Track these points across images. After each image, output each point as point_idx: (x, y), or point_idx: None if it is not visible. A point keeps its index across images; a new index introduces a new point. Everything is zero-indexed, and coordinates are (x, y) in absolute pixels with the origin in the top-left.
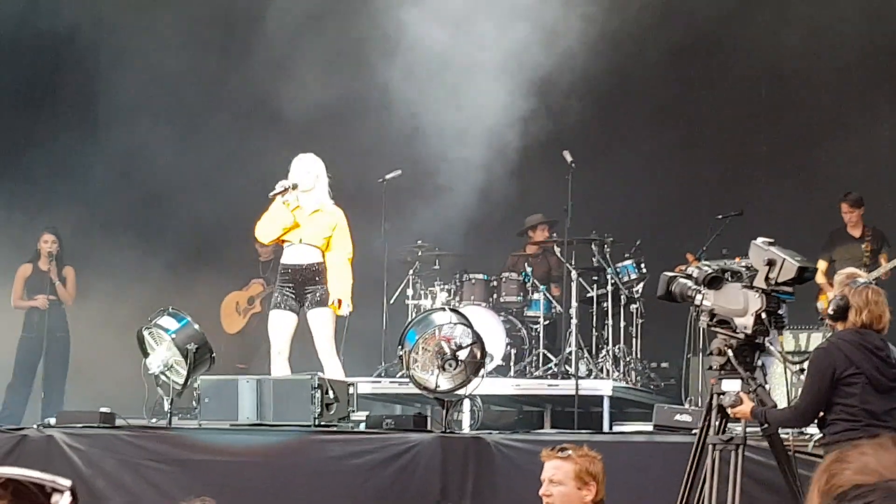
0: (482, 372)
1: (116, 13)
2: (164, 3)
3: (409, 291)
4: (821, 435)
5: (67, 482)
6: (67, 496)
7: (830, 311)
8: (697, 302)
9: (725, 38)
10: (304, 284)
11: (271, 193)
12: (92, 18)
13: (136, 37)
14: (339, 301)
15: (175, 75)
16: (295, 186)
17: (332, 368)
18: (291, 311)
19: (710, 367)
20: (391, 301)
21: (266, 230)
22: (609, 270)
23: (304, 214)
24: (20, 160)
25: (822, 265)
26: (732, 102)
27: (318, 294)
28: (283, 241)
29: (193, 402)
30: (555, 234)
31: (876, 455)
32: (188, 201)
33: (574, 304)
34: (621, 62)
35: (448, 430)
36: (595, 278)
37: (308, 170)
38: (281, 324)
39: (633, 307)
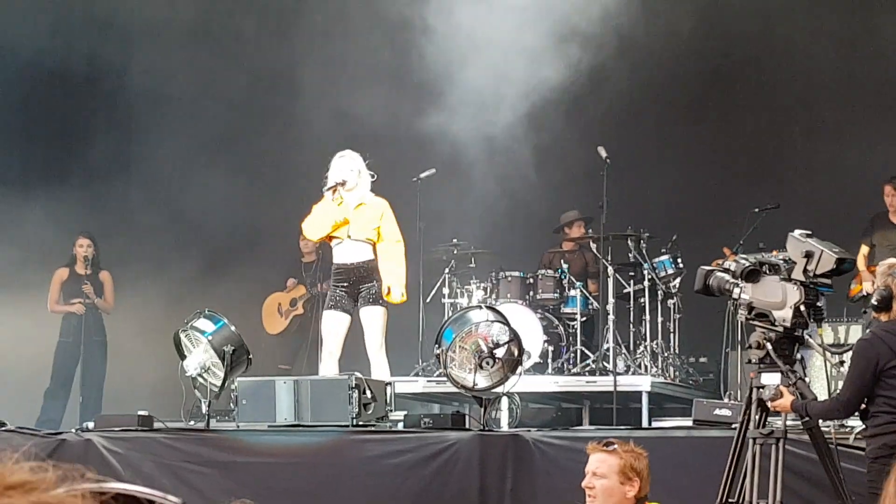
0: (520, 369)
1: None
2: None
3: (445, 290)
4: (863, 427)
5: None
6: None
7: (874, 302)
8: (735, 295)
9: (761, 32)
10: (359, 283)
11: (325, 188)
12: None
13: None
14: (389, 288)
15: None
16: (344, 183)
17: (380, 367)
18: (345, 311)
19: (749, 361)
20: (427, 300)
21: (316, 227)
22: (646, 266)
23: (349, 210)
24: (56, 167)
25: (863, 249)
26: (767, 95)
27: (372, 291)
28: (331, 239)
29: (231, 404)
30: (590, 231)
31: None
32: (225, 201)
33: (611, 300)
34: (656, 57)
35: (486, 429)
36: (632, 274)
37: (351, 166)
38: (335, 325)
39: (670, 302)
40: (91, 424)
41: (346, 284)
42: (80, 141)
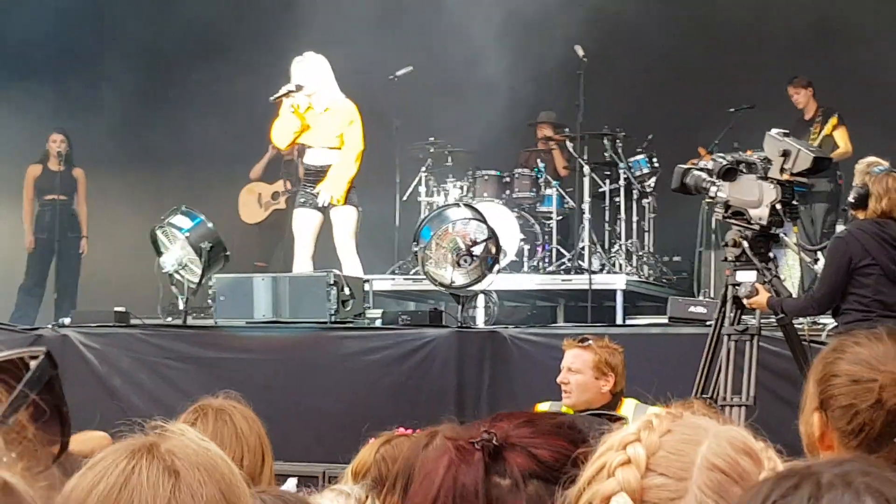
0: (497, 267)
1: None
2: None
3: (422, 188)
4: (835, 324)
5: (42, 348)
6: (43, 357)
7: (851, 200)
8: (712, 194)
9: None
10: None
11: (272, 98)
12: None
13: None
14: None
15: None
16: (299, 88)
17: (351, 265)
18: (315, 208)
19: (725, 259)
20: (404, 198)
21: (279, 136)
22: (621, 165)
23: (316, 115)
24: (28, 60)
25: None
26: None
27: None
28: (303, 145)
29: (208, 301)
30: (566, 130)
31: (870, 347)
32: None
33: (587, 199)
34: None
35: (464, 326)
36: (607, 173)
37: (310, 70)
38: (305, 222)
39: (645, 202)
40: (67, 320)
41: (313, 185)
42: (53, 36)
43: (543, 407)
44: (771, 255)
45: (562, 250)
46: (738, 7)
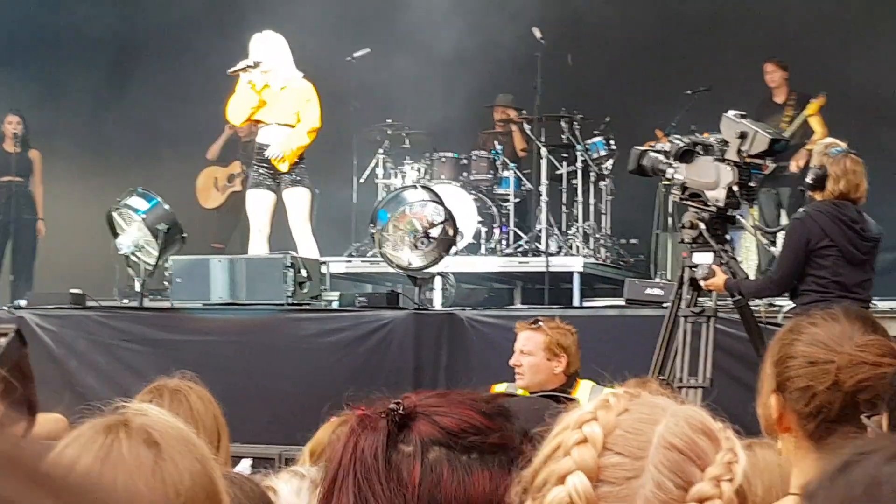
0: (453, 249)
1: None
2: None
3: (379, 170)
4: (792, 305)
5: (12, 325)
6: (13, 334)
7: (809, 181)
8: (669, 175)
9: None
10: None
11: (229, 70)
12: None
13: None
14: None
15: None
16: (257, 64)
17: (307, 247)
18: (269, 189)
19: (682, 241)
20: (361, 180)
21: (235, 112)
22: (578, 147)
23: (272, 93)
24: None
25: None
26: None
27: (293, 173)
28: (258, 122)
29: (165, 283)
30: (524, 112)
31: (826, 327)
32: (159, 74)
33: (544, 181)
34: None
35: (421, 308)
36: (564, 155)
37: (268, 47)
38: (259, 202)
39: (602, 184)
40: (23, 302)
41: (266, 164)
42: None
43: (500, 388)
44: (728, 237)
45: (519, 233)
46: None
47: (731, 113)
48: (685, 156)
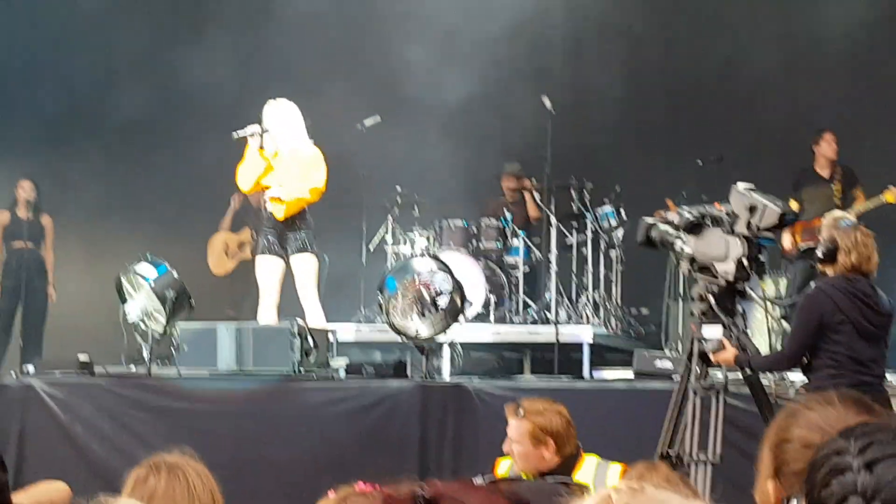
0: (462, 318)
1: None
2: None
3: (389, 238)
4: (803, 381)
5: None
6: None
7: (820, 254)
8: (678, 248)
9: None
10: (285, 230)
11: (235, 134)
12: None
13: None
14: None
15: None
16: (265, 131)
17: (314, 315)
18: (277, 255)
19: (692, 314)
20: (370, 248)
21: (243, 178)
22: (588, 217)
23: (281, 159)
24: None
25: (793, 205)
26: (711, 47)
27: (299, 239)
28: (266, 188)
29: (172, 350)
30: (533, 179)
31: (821, 411)
32: (170, 147)
33: (554, 250)
34: (601, 7)
35: (428, 377)
36: (575, 225)
37: (279, 114)
38: (268, 269)
39: (612, 253)
40: (31, 368)
41: (274, 231)
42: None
43: (505, 464)
44: (739, 309)
45: (528, 301)
46: (706, 60)
47: (740, 185)
48: (694, 228)
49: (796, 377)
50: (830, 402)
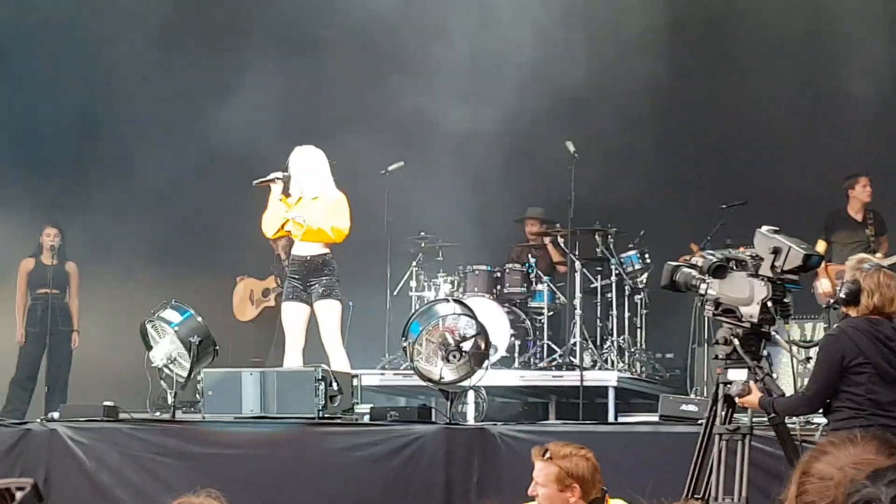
0: (486, 363)
1: None
2: None
3: (413, 283)
4: (826, 423)
5: (30, 480)
6: (29, 489)
7: (842, 295)
8: (702, 291)
9: (728, 29)
10: (310, 276)
11: (255, 181)
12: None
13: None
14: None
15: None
16: (287, 177)
17: (338, 360)
18: (303, 301)
19: (716, 357)
20: (395, 293)
21: (267, 225)
22: (613, 261)
23: (305, 204)
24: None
25: (820, 246)
26: (734, 93)
27: (324, 284)
28: (289, 234)
29: (197, 395)
30: (558, 225)
31: (842, 448)
32: (195, 192)
33: (578, 294)
34: (623, 52)
35: (452, 422)
36: (599, 269)
37: (305, 160)
38: (293, 315)
39: (637, 298)
40: (56, 414)
41: (298, 277)
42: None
43: None
44: (765, 352)
45: (553, 346)
46: (730, 105)
47: (764, 228)
48: (718, 271)
49: (822, 420)
50: (853, 441)
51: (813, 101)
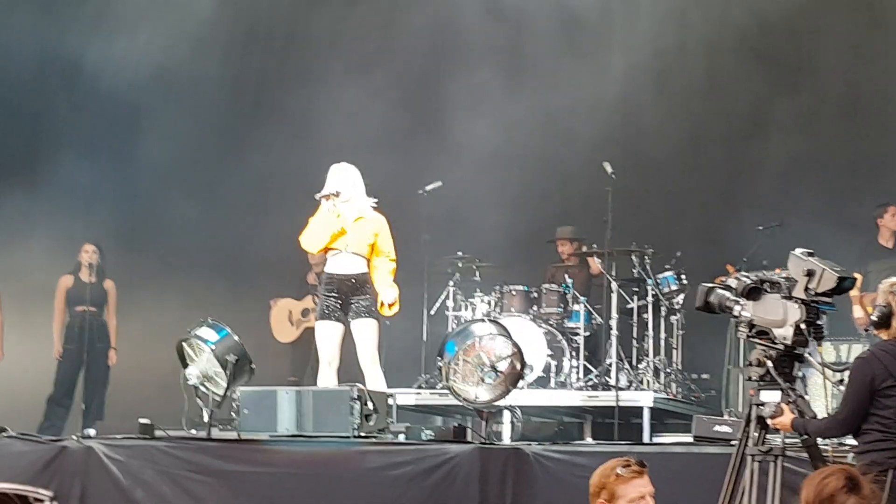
0: (522, 383)
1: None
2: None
3: (450, 303)
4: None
5: (49, 492)
6: (48, 502)
7: (874, 319)
8: (736, 313)
9: (766, 47)
10: (350, 294)
11: (318, 195)
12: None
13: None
14: (383, 303)
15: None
16: (337, 194)
17: (375, 379)
18: (338, 320)
19: (750, 378)
20: (431, 312)
21: (314, 238)
22: (649, 282)
23: (347, 223)
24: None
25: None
26: (770, 111)
27: (363, 303)
28: (329, 250)
29: (232, 414)
30: (594, 246)
31: (818, 479)
32: (233, 211)
33: (614, 315)
34: (662, 73)
35: (487, 442)
36: (635, 289)
37: (346, 178)
38: (328, 334)
39: (673, 318)
40: (92, 431)
41: (336, 294)
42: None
43: None
44: (799, 374)
45: (589, 366)
46: (765, 124)
47: (798, 251)
48: (752, 293)
49: (854, 442)
50: (832, 473)
51: (855, 115)
